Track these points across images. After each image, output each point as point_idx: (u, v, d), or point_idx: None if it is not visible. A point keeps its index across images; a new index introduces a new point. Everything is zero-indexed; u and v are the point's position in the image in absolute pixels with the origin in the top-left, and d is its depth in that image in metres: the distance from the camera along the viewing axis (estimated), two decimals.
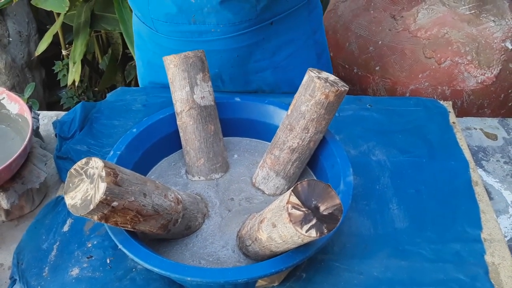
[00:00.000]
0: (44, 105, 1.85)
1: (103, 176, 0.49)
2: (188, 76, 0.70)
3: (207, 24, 0.83)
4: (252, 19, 0.84)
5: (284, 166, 0.68)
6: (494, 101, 1.17)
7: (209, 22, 0.83)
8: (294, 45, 0.92)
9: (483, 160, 0.85)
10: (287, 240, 0.50)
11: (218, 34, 0.85)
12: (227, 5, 0.80)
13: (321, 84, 0.61)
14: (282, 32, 0.89)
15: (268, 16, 0.85)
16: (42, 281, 0.64)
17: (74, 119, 0.87)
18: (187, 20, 0.83)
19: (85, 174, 0.50)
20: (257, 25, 0.85)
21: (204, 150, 0.71)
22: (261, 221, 0.53)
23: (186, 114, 0.71)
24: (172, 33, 0.86)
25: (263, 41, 0.88)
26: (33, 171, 0.75)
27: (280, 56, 0.91)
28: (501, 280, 0.64)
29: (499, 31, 1.13)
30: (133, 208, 0.53)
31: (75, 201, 0.50)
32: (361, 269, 0.65)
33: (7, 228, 0.73)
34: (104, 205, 0.50)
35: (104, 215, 0.51)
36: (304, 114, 0.64)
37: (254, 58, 0.90)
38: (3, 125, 0.81)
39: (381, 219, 0.71)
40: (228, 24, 0.83)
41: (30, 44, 1.77)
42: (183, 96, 0.70)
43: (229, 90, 0.94)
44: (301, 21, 0.91)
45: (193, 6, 0.81)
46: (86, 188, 0.50)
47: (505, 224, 0.74)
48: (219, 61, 0.89)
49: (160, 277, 0.64)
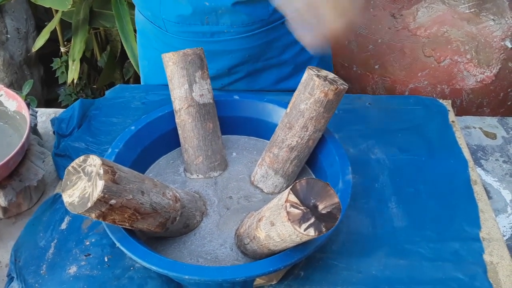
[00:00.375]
0: (42, 102, 1.84)
1: (101, 174, 0.49)
2: (186, 74, 0.69)
3: (220, 25, 0.83)
4: (265, 20, 0.84)
5: (283, 164, 0.68)
6: (494, 100, 1.17)
7: (222, 23, 0.83)
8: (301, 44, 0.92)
9: (482, 159, 0.85)
10: (285, 238, 0.50)
11: (231, 34, 0.85)
12: (241, 7, 0.81)
13: (320, 82, 0.61)
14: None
15: (279, 16, 0.85)
16: (40, 279, 0.64)
17: (72, 117, 0.87)
18: (200, 21, 0.83)
19: (83, 172, 0.50)
20: (269, 25, 0.86)
21: (202, 148, 0.71)
22: (260, 219, 0.53)
23: (185, 112, 0.70)
24: (183, 33, 0.86)
25: (273, 41, 0.89)
26: (31, 168, 0.74)
27: (288, 54, 0.92)
28: (499, 279, 0.64)
29: (498, 29, 1.13)
30: (131, 206, 0.52)
31: (72, 199, 0.49)
32: (359, 268, 0.65)
33: (4, 225, 0.73)
34: (102, 203, 0.49)
35: (102, 213, 0.51)
36: (303, 112, 0.64)
37: (264, 57, 0.90)
38: (1, 122, 0.80)
39: (380, 218, 0.71)
40: (241, 25, 0.84)
41: (28, 41, 1.77)
42: (182, 94, 0.70)
43: (236, 89, 0.94)
44: None
45: (207, 8, 0.81)
46: (84, 186, 0.50)
47: (504, 223, 0.74)
48: (230, 61, 0.89)
49: (158, 276, 0.64)
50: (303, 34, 0.63)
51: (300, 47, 0.92)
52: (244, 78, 0.93)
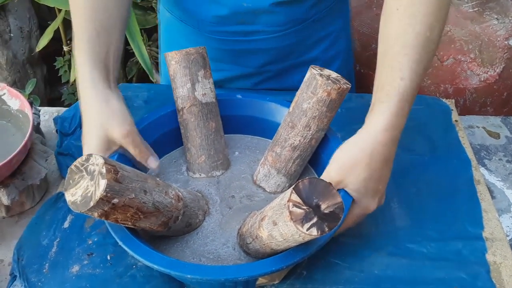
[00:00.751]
0: (45, 101, 1.84)
1: (104, 172, 0.49)
2: (189, 73, 0.69)
3: (256, 24, 0.83)
4: (299, 18, 0.84)
5: (285, 163, 0.68)
6: (497, 99, 1.17)
7: (258, 23, 0.83)
8: (329, 39, 0.92)
9: (485, 158, 0.84)
10: (288, 238, 0.50)
11: (266, 33, 0.85)
12: (278, 7, 0.80)
13: (323, 81, 0.61)
14: (321, 27, 0.89)
15: (312, 14, 0.85)
16: (43, 278, 0.64)
17: (75, 115, 0.87)
18: (236, 21, 0.83)
19: (85, 171, 0.50)
20: (302, 24, 0.86)
21: (205, 147, 0.71)
22: (262, 219, 0.53)
23: (187, 111, 0.70)
24: (217, 33, 0.86)
25: (305, 38, 0.88)
26: (33, 167, 0.75)
27: (317, 51, 0.92)
28: (503, 279, 0.64)
29: (502, 29, 1.13)
30: (133, 205, 0.52)
31: (75, 198, 0.49)
32: (362, 267, 0.65)
33: (7, 224, 0.73)
34: (105, 202, 0.49)
35: (104, 212, 0.51)
36: (306, 111, 0.63)
37: (295, 55, 0.90)
38: (4, 121, 0.81)
39: (382, 217, 0.71)
40: (277, 24, 0.83)
41: (31, 40, 1.77)
42: (184, 93, 0.70)
43: (263, 88, 0.94)
44: (337, 15, 0.92)
45: (245, 9, 0.81)
46: (87, 185, 0.50)
47: (507, 223, 0.74)
48: (261, 59, 0.89)
49: (160, 275, 0.64)
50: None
51: (328, 43, 0.92)
52: (274, 76, 0.93)
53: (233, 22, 0.83)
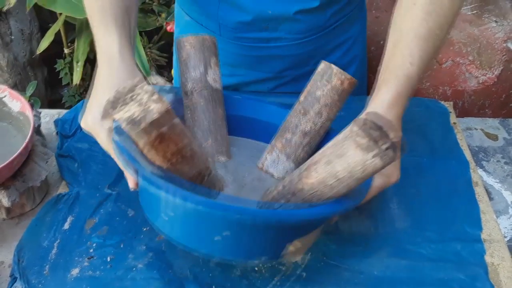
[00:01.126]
0: (46, 103, 1.85)
1: (156, 98, 0.47)
2: (203, 57, 0.70)
3: (279, 31, 0.84)
4: (320, 26, 0.85)
5: (295, 149, 0.68)
6: (495, 101, 1.17)
7: (280, 30, 0.84)
8: (347, 44, 0.93)
9: (483, 160, 0.85)
10: (351, 170, 0.50)
11: (287, 40, 0.85)
12: (302, 15, 0.81)
13: (338, 70, 0.64)
14: (340, 33, 0.90)
15: (332, 22, 0.86)
16: (43, 279, 0.64)
17: (75, 117, 0.87)
18: (259, 28, 0.83)
19: (129, 99, 0.48)
20: (323, 31, 0.86)
21: (212, 131, 0.70)
22: (314, 163, 0.53)
23: (198, 94, 0.70)
24: (239, 39, 0.86)
25: (323, 45, 0.89)
26: (34, 169, 0.75)
27: (334, 57, 0.92)
28: (501, 281, 0.64)
29: (500, 31, 1.13)
30: (178, 141, 0.51)
31: (129, 115, 0.47)
32: (361, 269, 0.65)
33: (7, 226, 0.74)
34: (154, 127, 0.47)
35: (149, 141, 0.49)
36: (319, 98, 0.66)
37: (312, 61, 0.90)
38: (5, 123, 0.81)
39: (381, 218, 0.71)
40: (299, 32, 0.84)
41: (32, 42, 1.77)
42: (197, 75, 0.70)
43: (282, 91, 0.94)
44: (355, 20, 0.92)
45: (269, 16, 0.81)
46: (134, 111, 0.47)
47: (505, 224, 0.74)
48: (280, 65, 0.90)
49: (161, 276, 0.64)
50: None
51: (346, 48, 0.93)
52: (291, 81, 0.94)
53: (256, 28, 0.83)
